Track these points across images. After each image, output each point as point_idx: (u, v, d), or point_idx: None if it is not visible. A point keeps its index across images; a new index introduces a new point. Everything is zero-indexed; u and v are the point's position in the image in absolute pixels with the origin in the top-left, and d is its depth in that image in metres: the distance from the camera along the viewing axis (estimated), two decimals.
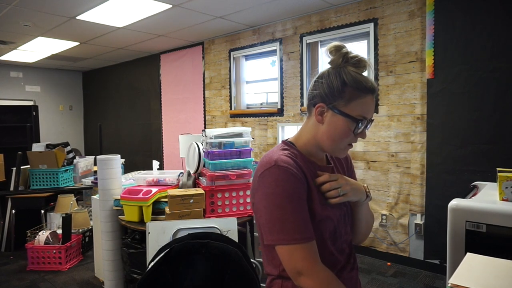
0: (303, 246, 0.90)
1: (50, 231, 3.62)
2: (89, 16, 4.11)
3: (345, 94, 0.95)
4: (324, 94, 0.98)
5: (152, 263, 1.58)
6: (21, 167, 4.06)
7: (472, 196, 1.98)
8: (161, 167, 6.19)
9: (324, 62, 4.22)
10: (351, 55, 0.98)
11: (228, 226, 2.04)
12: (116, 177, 2.54)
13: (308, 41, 4.19)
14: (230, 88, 5.12)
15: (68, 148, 4.18)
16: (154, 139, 6.58)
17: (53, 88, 8.00)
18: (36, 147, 4.19)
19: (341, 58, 0.98)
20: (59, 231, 3.67)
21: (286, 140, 1.08)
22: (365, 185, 1.10)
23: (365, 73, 1.00)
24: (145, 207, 2.21)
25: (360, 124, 0.96)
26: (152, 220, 2.21)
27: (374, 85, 0.97)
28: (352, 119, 0.95)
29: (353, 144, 1.03)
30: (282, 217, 0.91)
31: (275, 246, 0.93)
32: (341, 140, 0.99)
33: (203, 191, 2.23)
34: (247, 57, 5.08)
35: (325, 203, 1.00)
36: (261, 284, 1.69)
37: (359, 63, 0.98)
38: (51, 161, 3.95)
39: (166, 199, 2.27)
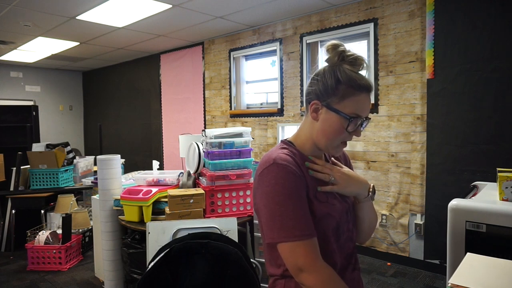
0: (304, 242, 0.90)
1: (50, 231, 3.62)
2: (89, 16, 4.11)
3: (339, 92, 0.96)
4: (319, 91, 0.99)
5: (152, 263, 1.58)
6: (21, 167, 4.06)
7: (472, 196, 1.98)
8: (161, 167, 6.19)
9: (323, 61, 4.22)
10: (348, 53, 0.98)
11: (228, 226, 2.04)
12: (116, 177, 2.54)
13: (308, 41, 4.19)
14: (230, 88, 5.12)
15: (68, 148, 4.17)
16: (154, 139, 6.58)
17: (53, 88, 8.00)
18: (36, 147, 4.19)
19: (337, 56, 0.99)
20: (59, 231, 3.67)
21: (285, 139, 1.09)
22: (372, 185, 1.10)
23: (362, 72, 1.00)
24: (145, 207, 2.22)
25: (353, 122, 0.96)
26: (152, 220, 2.21)
27: (368, 83, 0.97)
28: (345, 116, 0.96)
29: (349, 143, 1.03)
30: (282, 214, 0.91)
31: (277, 244, 0.93)
32: (335, 137, 0.99)
33: (203, 191, 2.23)
34: (247, 57, 5.08)
35: (324, 200, 1.00)
36: (261, 284, 1.69)
37: (355, 61, 0.98)
38: (51, 161, 3.95)
39: (166, 199, 2.27)
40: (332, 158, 1.13)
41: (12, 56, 6.32)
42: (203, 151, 2.41)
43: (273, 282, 1.03)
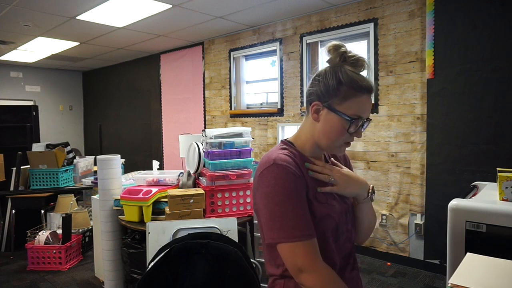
0: (304, 243, 0.90)
1: (50, 231, 3.62)
2: (89, 16, 4.11)
3: (340, 93, 0.96)
4: (320, 92, 0.99)
5: (152, 263, 1.58)
6: (21, 167, 4.06)
7: (472, 196, 1.98)
8: (161, 167, 6.19)
9: (324, 61, 4.21)
10: (349, 54, 0.98)
11: (228, 226, 2.04)
12: (116, 177, 2.54)
13: (308, 41, 4.19)
14: (230, 88, 5.12)
15: (68, 148, 4.17)
16: (154, 139, 6.58)
17: (53, 88, 8.00)
18: (36, 147, 4.19)
19: (339, 57, 0.98)
20: (59, 231, 3.67)
21: (285, 139, 1.09)
22: (372, 185, 1.10)
23: (363, 73, 1.00)
24: (145, 207, 2.22)
25: (354, 123, 0.96)
26: (152, 220, 2.21)
27: (370, 84, 0.97)
28: (346, 117, 0.96)
29: (351, 142, 1.04)
30: (282, 215, 0.91)
31: (276, 244, 0.93)
32: (337, 138, 0.99)
33: (203, 191, 2.23)
34: (247, 57, 5.08)
35: (324, 201, 1.00)
36: (261, 284, 1.69)
37: (357, 62, 0.98)
38: (51, 161, 3.95)
39: (166, 199, 2.27)
40: (332, 159, 1.13)
41: (12, 56, 6.32)
42: (203, 151, 2.41)
43: (272, 282, 1.03)
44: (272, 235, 0.93)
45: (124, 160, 3.64)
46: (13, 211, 3.96)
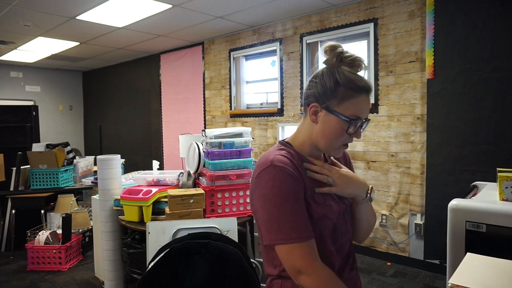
0: (301, 244, 0.90)
1: (50, 231, 3.62)
2: (89, 16, 4.11)
3: (338, 94, 0.95)
4: (318, 94, 0.98)
5: (152, 263, 1.58)
6: (21, 167, 4.06)
7: (472, 196, 1.98)
8: (161, 167, 6.19)
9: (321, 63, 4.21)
10: (346, 54, 0.97)
11: (228, 226, 2.04)
12: (116, 177, 2.54)
13: (308, 41, 4.19)
14: (230, 88, 5.12)
15: (68, 148, 4.17)
16: (154, 139, 6.58)
17: (53, 88, 8.00)
18: (36, 147, 4.19)
19: (335, 58, 0.98)
20: (59, 231, 3.67)
21: (283, 140, 1.08)
22: (371, 186, 1.08)
23: (361, 73, 0.99)
24: (145, 207, 2.22)
25: (353, 124, 0.96)
26: (152, 220, 2.21)
27: (368, 84, 0.97)
28: (345, 118, 0.95)
29: (349, 144, 1.03)
30: (280, 217, 0.91)
31: (274, 246, 0.93)
32: (335, 139, 0.98)
33: (203, 191, 2.23)
34: (247, 57, 5.08)
35: (321, 202, 0.99)
36: (261, 284, 1.69)
37: (354, 62, 0.97)
38: (51, 161, 3.95)
39: (166, 199, 2.27)
40: (332, 158, 1.13)
41: (12, 56, 6.32)
42: (203, 151, 2.41)
43: (270, 282, 1.04)
44: (270, 236, 0.93)
45: (124, 160, 3.64)
46: (13, 211, 3.96)
